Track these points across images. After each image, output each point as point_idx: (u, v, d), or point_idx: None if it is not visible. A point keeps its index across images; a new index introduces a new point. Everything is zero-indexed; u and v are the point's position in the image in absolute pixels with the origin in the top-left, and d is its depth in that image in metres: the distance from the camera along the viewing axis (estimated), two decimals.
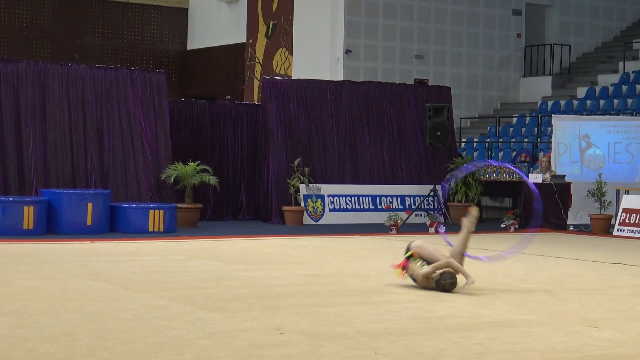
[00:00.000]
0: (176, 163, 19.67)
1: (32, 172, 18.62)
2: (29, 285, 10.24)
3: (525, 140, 26.89)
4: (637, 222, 19.19)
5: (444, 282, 10.33)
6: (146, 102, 20.00)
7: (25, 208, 16.86)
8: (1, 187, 18.30)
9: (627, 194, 20.13)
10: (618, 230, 19.40)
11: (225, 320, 8.33)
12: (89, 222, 17.34)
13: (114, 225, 17.83)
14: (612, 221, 20.03)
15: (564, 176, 20.77)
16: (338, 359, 6.93)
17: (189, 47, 32.55)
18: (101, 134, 19.47)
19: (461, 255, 10.72)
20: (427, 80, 29.06)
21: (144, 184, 19.60)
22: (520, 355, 7.18)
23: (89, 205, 17.38)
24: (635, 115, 24.87)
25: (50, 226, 17.27)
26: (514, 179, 22.49)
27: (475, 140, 28.54)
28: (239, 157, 21.86)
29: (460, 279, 10.45)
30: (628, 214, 19.40)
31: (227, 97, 29.84)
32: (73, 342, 7.23)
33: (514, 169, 18.00)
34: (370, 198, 21.75)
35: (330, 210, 21.13)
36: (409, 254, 10.67)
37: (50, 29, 28.45)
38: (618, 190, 20.51)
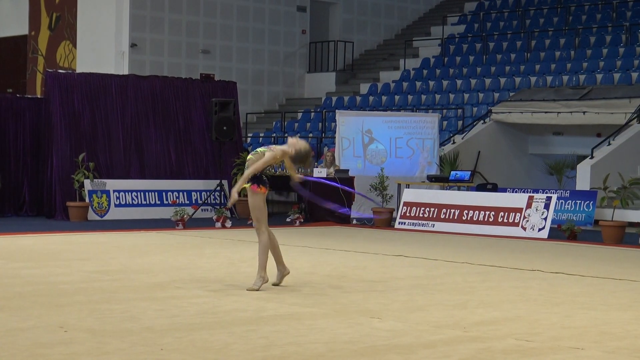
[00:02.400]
0: None
1: None
2: None
3: (311, 135, 27.31)
4: (417, 215, 19.80)
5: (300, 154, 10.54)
6: None
7: None
8: None
9: (408, 187, 20.75)
10: (400, 223, 19.96)
11: (7, 319, 8.15)
12: None
13: None
14: (394, 214, 20.59)
15: (347, 170, 21.20)
16: (124, 355, 6.89)
17: None
18: None
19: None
20: (214, 75, 29.13)
21: None
22: (304, 347, 7.31)
23: None
24: (416, 112, 25.64)
25: None
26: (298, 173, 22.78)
27: (261, 135, 28.80)
28: (22, 152, 21.34)
29: None
30: (409, 207, 19.99)
31: (8, 90, 29.06)
32: None
33: (363, 195, 17.87)
34: (156, 193, 21.63)
35: (116, 205, 20.91)
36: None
37: None
38: (399, 184, 21.10)
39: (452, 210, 19.49)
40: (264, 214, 10.61)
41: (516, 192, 20.71)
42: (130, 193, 21.25)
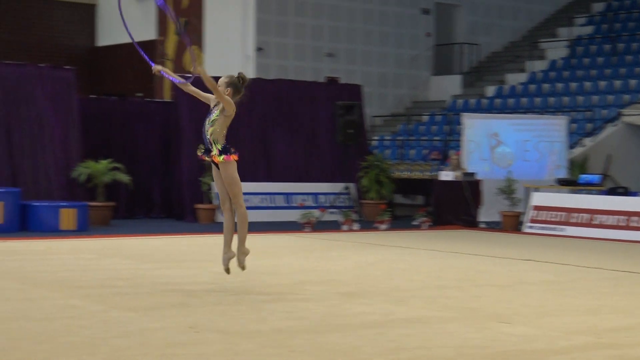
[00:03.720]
0: (87, 161, 19.47)
1: None
2: None
3: (436, 138, 27.14)
4: (547, 218, 19.49)
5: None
6: (55, 99, 19.76)
7: None
8: None
9: (537, 191, 20.45)
10: (528, 227, 19.68)
11: (139, 319, 8.27)
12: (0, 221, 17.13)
13: (24, 224, 17.61)
14: (522, 218, 20.32)
15: (474, 174, 21.00)
16: (254, 356, 6.92)
17: (99, 44, 32.18)
18: (10, 132, 19.18)
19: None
20: (339, 78, 29.16)
21: (54, 182, 19.38)
22: (434, 351, 7.24)
23: None
24: (543, 114, 25.26)
25: None
26: (425, 177, 22.70)
27: (387, 138, 28.72)
28: (152, 154, 21.71)
29: None
30: (538, 211, 19.69)
31: (138, 94, 29.58)
32: None
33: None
34: (283, 196, 21.76)
35: None
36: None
37: None
38: (528, 188, 20.81)
39: (583, 215, 19.13)
40: (240, 186, 10.09)
41: None
42: (257, 196, 21.42)
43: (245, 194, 20.76)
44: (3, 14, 29.33)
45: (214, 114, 10.02)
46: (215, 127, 9.99)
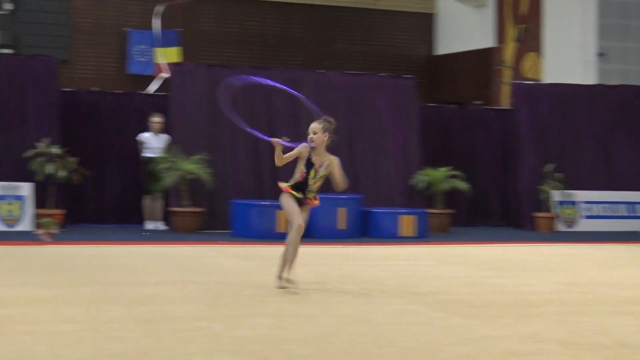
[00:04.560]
0: (426, 168, 19.69)
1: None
2: (286, 288, 10.43)
3: None
4: None
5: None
6: (396, 107, 20.12)
7: (278, 212, 17.25)
8: (257, 192, 18.80)
9: None
10: None
11: (478, 327, 8.22)
12: (342, 227, 17.59)
13: (365, 230, 18.02)
14: None
15: None
16: None
17: (436, 53, 32.49)
18: (352, 140, 19.70)
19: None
20: None
21: (394, 189, 19.72)
22: None
23: (341, 210, 17.63)
24: None
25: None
26: None
27: None
28: (490, 162, 21.66)
29: None
30: None
31: (476, 102, 29.62)
32: (327, 344, 7.30)
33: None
34: (625, 205, 21.05)
35: (585, 217, 20.59)
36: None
37: (301, 36, 29.05)
38: None
39: None
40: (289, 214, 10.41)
41: None
42: (599, 204, 20.86)
43: (585, 202, 20.35)
44: (343, 25, 30.20)
45: (322, 170, 10.55)
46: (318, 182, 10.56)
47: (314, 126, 10.39)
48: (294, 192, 10.35)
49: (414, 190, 19.63)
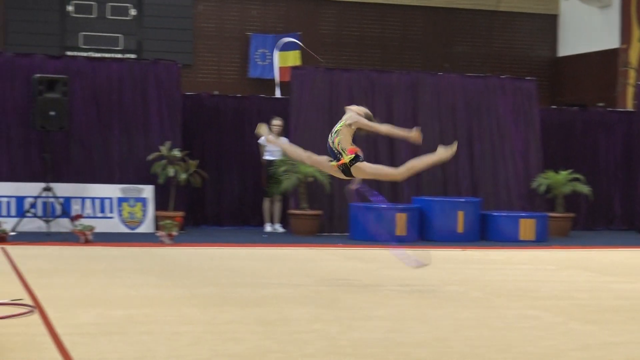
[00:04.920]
0: (547, 171, 19.43)
1: (405, 181, 19.02)
2: (402, 291, 10.40)
3: None
4: None
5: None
6: (516, 110, 19.90)
7: (398, 215, 17.25)
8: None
9: None
10: None
11: (599, 333, 8.07)
12: (460, 230, 17.49)
13: (484, 233, 17.88)
14: None
15: None
16: None
17: (559, 54, 32.06)
18: (471, 142, 19.57)
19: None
20: None
21: (514, 193, 19.51)
22: None
23: (460, 213, 17.53)
24: None
25: (422, 233, 17.58)
26: None
27: None
28: (612, 165, 21.26)
29: None
30: None
31: (599, 104, 29.13)
32: (445, 348, 7.26)
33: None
34: None
35: None
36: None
37: (421, 39, 28.97)
38: None
39: None
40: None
41: None
42: None
43: None
44: (463, 27, 30.02)
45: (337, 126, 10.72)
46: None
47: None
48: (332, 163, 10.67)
49: (534, 193, 19.38)
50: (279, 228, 18.83)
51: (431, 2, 28.75)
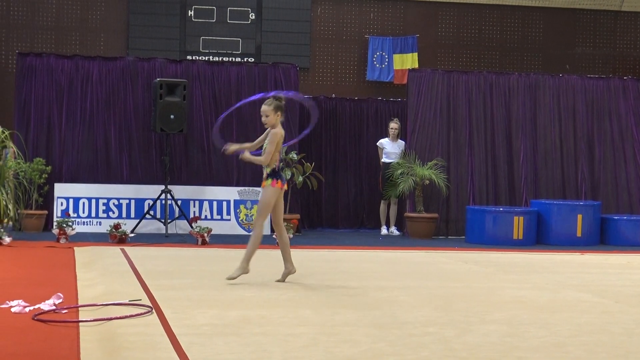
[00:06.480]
0: None
1: (522, 183, 18.83)
2: (518, 295, 10.29)
3: None
4: None
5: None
6: (639, 112, 19.52)
7: (515, 218, 17.07)
8: (492, 198, 18.69)
9: None
10: None
11: None
12: (579, 234, 17.24)
13: (603, 237, 17.60)
14: None
15: None
16: None
17: None
18: (592, 145, 19.27)
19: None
20: None
21: (635, 196, 19.14)
22: None
23: (579, 216, 17.27)
24: None
25: (540, 237, 17.37)
26: None
27: None
28: None
29: None
30: None
31: None
32: (562, 353, 7.15)
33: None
34: None
35: None
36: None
37: (541, 40, 28.62)
38: None
39: None
40: (268, 211, 10.77)
41: None
42: None
43: None
44: (584, 28, 29.57)
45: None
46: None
47: (264, 109, 11.19)
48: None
49: None
50: (395, 231, 18.81)
51: (551, 2, 28.36)
